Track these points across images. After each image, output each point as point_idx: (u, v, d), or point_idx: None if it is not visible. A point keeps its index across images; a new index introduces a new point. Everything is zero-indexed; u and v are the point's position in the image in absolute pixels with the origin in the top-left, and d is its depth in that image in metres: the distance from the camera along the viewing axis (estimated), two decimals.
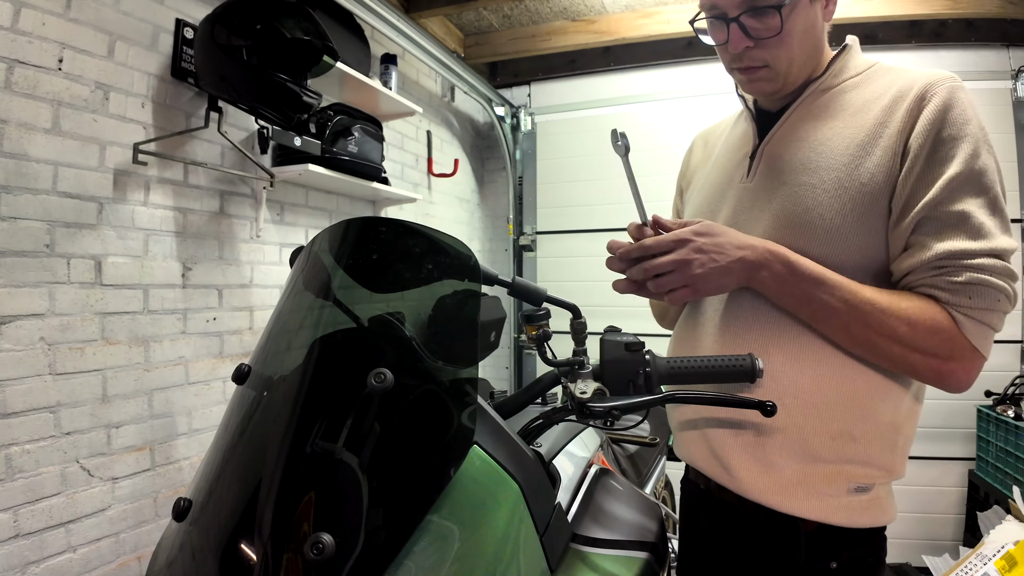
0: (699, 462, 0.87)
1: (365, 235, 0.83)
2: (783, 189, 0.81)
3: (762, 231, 0.82)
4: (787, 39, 0.80)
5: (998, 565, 1.85)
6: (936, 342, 0.70)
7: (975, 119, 0.73)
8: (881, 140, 0.76)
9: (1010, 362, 2.69)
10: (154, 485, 1.51)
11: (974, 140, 0.71)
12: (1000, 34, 2.77)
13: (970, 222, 0.70)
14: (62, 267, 1.31)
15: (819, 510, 0.77)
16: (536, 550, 0.66)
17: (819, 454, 0.76)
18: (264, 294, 1.87)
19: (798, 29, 0.80)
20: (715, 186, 0.94)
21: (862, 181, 0.75)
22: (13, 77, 1.22)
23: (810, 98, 0.85)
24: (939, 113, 0.72)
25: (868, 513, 0.78)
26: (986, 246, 0.69)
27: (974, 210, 0.70)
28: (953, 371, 0.72)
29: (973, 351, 0.71)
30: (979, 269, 0.69)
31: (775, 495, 0.78)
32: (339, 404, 0.61)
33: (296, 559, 0.53)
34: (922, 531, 2.71)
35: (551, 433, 0.99)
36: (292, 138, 1.77)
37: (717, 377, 0.72)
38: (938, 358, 0.71)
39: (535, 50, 3.21)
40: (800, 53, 0.82)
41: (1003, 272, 0.69)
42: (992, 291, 0.69)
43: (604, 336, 0.74)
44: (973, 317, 0.69)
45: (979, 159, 0.71)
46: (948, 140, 0.72)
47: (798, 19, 0.80)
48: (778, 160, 0.84)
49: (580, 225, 3.34)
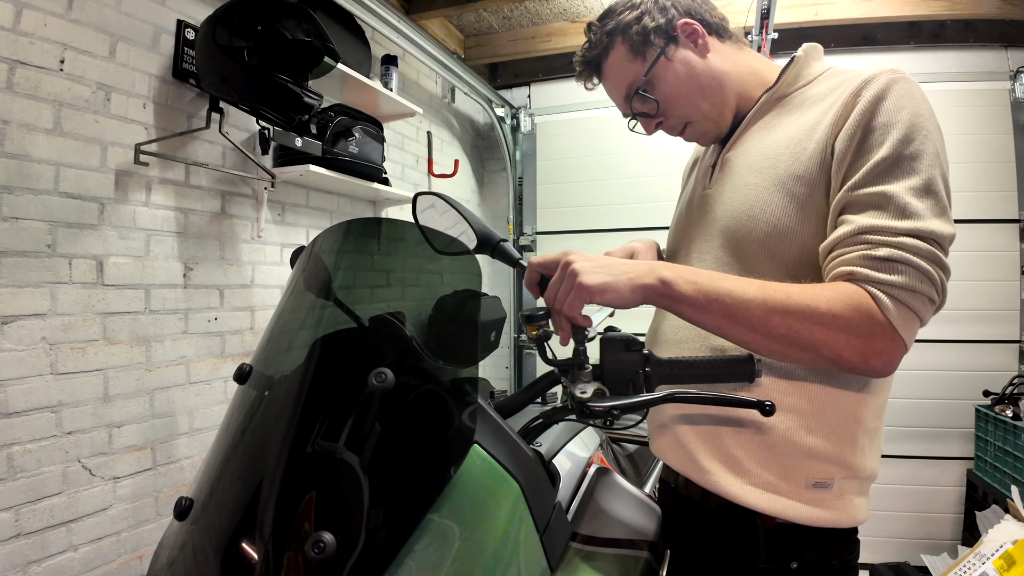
0: (669, 456, 0.89)
1: (366, 235, 0.83)
2: (733, 192, 0.84)
3: (716, 234, 0.85)
4: (674, 100, 0.88)
5: (996, 564, 1.86)
6: (857, 319, 0.65)
7: (911, 107, 0.70)
8: (815, 135, 0.76)
9: (1008, 362, 2.69)
10: (155, 484, 1.52)
11: (906, 126, 0.69)
12: (998, 35, 2.77)
13: (893, 201, 0.67)
14: (64, 267, 1.32)
15: (776, 504, 0.76)
16: (536, 549, 0.66)
17: (775, 447, 0.77)
18: (265, 294, 1.87)
19: (677, 85, 0.87)
20: (687, 196, 0.99)
21: (798, 175, 0.76)
22: (15, 78, 1.22)
23: (764, 107, 0.87)
24: (871, 103, 0.71)
25: (829, 512, 0.76)
26: (910, 225, 0.65)
27: (899, 191, 0.67)
28: (877, 352, 0.66)
29: (894, 333, 0.65)
30: (900, 247, 0.65)
31: (734, 488, 0.78)
32: (340, 404, 0.62)
33: (297, 558, 0.53)
34: (921, 530, 2.71)
35: (551, 433, 0.99)
36: (293, 139, 1.77)
37: (716, 377, 0.72)
38: (860, 338, 0.65)
39: (535, 51, 3.22)
40: (700, 99, 0.88)
41: (927, 255, 0.65)
42: (913, 271, 0.64)
43: (604, 336, 0.74)
44: (893, 296, 0.65)
45: (911, 144, 0.68)
46: (878, 128, 0.70)
47: (669, 80, 0.87)
48: (732, 166, 0.87)
49: (580, 225, 3.35)
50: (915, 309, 0.65)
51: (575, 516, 0.83)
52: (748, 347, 0.71)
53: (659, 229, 3.24)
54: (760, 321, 0.67)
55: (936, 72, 2.81)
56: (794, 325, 0.66)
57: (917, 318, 0.66)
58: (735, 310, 0.68)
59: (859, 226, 0.68)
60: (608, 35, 0.89)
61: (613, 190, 3.20)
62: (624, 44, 0.88)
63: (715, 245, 0.85)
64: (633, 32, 0.87)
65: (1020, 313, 2.70)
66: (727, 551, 0.82)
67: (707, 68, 0.87)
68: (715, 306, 0.68)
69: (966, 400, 2.65)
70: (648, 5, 0.87)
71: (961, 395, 2.69)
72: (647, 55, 0.87)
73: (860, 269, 0.66)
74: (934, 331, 2.67)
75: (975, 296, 2.71)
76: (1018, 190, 2.70)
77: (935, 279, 0.65)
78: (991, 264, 2.73)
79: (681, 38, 0.87)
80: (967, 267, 2.70)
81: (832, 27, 2.82)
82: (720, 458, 0.80)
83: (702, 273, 0.71)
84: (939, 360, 2.69)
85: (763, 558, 0.78)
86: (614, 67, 0.90)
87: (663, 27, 0.86)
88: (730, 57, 0.89)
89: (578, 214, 3.35)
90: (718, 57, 0.88)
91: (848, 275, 0.67)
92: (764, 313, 0.67)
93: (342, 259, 0.81)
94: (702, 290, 0.68)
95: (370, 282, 0.80)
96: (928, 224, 0.66)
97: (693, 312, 0.70)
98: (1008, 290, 2.72)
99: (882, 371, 0.68)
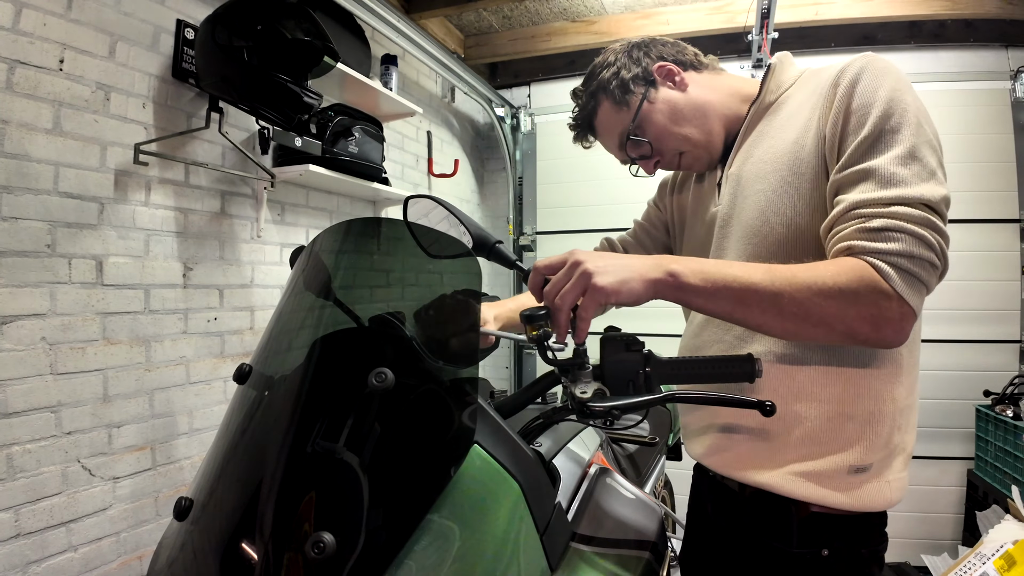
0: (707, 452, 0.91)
1: (366, 235, 0.83)
2: (743, 203, 0.86)
3: (733, 247, 0.86)
4: (664, 137, 0.93)
5: (997, 564, 1.86)
6: (863, 289, 0.65)
7: (887, 84, 0.72)
8: (810, 132, 0.79)
9: (1009, 362, 2.69)
10: (155, 484, 1.52)
11: (885, 103, 0.71)
12: (999, 34, 2.77)
13: (878, 173, 0.68)
14: (63, 267, 1.32)
15: (818, 493, 0.78)
16: (536, 549, 0.66)
17: (818, 438, 0.78)
18: (265, 294, 1.87)
19: (664, 123, 0.92)
20: (695, 219, 1.02)
21: (800, 171, 0.78)
22: (14, 77, 1.22)
23: (754, 118, 0.90)
24: (848, 88, 0.74)
25: (867, 494, 0.77)
26: (897, 192, 0.67)
27: (883, 163, 0.69)
28: (888, 320, 0.66)
29: (900, 300, 0.65)
30: (892, 216, 0.66)
31: (776, 479, 0.80)
32: (340, 404, 0.61)
33: (297, 558, 0.53)
34: (921, 530, 2.71)
35: (551, 433, 0.99)
36: (293, 138, 1.77)
37: (717, 377, 0.72)
38: (869, 307, 0.66)
39: (535, 51, 3.22)
40: (687, 129, 0.92)
41: (920, 220, 0.65)
42: (908, 237, 0.65)
43: (604, 336, 0.74)
44: (893, 264, 0.65)
45: (891, 119, 0.70)
46: (857, 110, 0.72)
47: (655, 120, 0.92)
48: (736, 179, 0.89)
49: (580, 225, 3.34)
50: (917, 275, 0.66)
51: (575, 516, 0.83)
52: (761, 330, 0.73)
53: None
54: (770, 302, 0.68)
55: (936, 72, 2.81)
56: (803, 302, 0.67)
57: (921, 283, 0.67)
58: (744, 294, 0.69)
59: (850, 202, 0.69)
60: (592, 96, 0.97)
61: (613, 190, 3.20)
62: (608, 99, 0.95)
63: (734, 256, 0.86)
64: (613, 87, 0.94)
65: (1020, 313, 2.70)
66: (762, 537, 0.83)
67: (689, 101, 0.93)
68: (724, 292, 0.69)
69: (966, 400, 2.65)
70: (623, 60, 0.95)
71: (961, 395, 2.69)
72: (631, 103, 0.93)
73: (857, 242, 0.67)
74: (934, 331, 2.67)
75: (975, 296, 2.71)
76: (1018, 190, 2.70)
77: (932, 243, 0.66)
78: (991, 264, 2.73)
79: (659, 80, 0.93)
80: (967, 267, 2.70)
81: (832, 27, 2.82)
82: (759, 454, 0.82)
83: (708, 262, 0.73)
84: (939, 360, 2.69)
85: (796, 544, 0.80)
86: (604, 122, 0.98)
87: (640, 75, 0.93)
88: (709, 84, 0.94)
89: (578, 214, 3.35)
90: (698, 88, 0.93)
91: (847, 250, 0.68)
92: (772, 294, 0.68)
93: (342, 259, 0.81)
94: (710, 278, 0.69)
95: (370, 282, 0.80)
96: (916, 190, 0.67)
97: (703, 301, 0.71)
98: (1008, 290, 2.72)
99: (894, 339, 0.69)
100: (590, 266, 0.68)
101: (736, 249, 0.86)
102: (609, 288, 0.67)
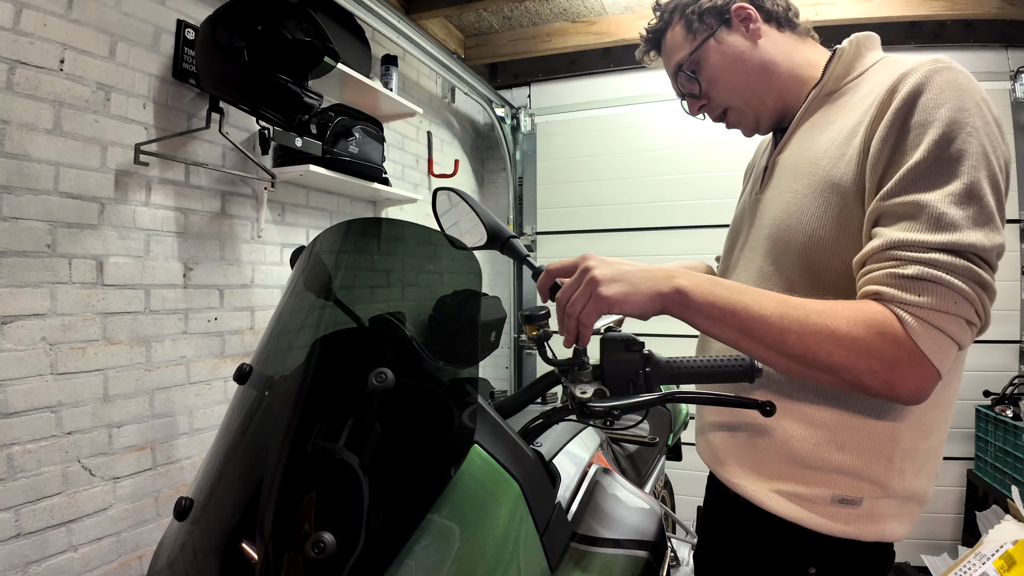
0: (705, 458, 0.92)
1: (366, 235, 0.83)
2: (778, 199, 0.81)
3: (761, 243, 0.83)
4: (716, 84, 0.88)
5: (997, 564, 1.86)
6: (879, 343, 0.60)
7: (953, 101, 0.63)
8: (855, 138, 0.70)
9: (1009, 362, 2.69)
10: (155, 484, 1.52)
11: (946, 123, 0.62)
12: (999, 35, 2.77)
13: (927, 211, 0.60)
14: (64, 267, 1.32)
15: (801, 515, 0.75)
16: (536, 549, 0.66)
17: (803, 460, 0.75)
18: (265, 294, 1.87)
19: (721, 69, 0.87)
20: (742, 201, 0.98)
21: (835, 182, 0.71)
22: (15, 78, 1.22)
23: (813, 105, 0.83)
24: (907, 99, 0.65)
25: (851, 526, 0.73)
26: (945, 239, 0.59)
27: (935, 200, 0.60)
28: (903, 379, 0.60)
29: (923, 359, 0.59)
30: (931, 264, 0.59)
31: (759, 493, 0.78)
32: (340, 404, 0.62)
33: (297, 558, 0.53)
34: (921, 530, 2.71)
35: (551, 433, 0.99)
36: (293, 139, 1.77)
37: (716, 377, 0.72)
38: (883, 363, 0.60)
39: (535, 51, 3.22)
40: (742, 85, 0.87)
41: (963, 272, 0.59)
42: (945, 290, 0.58)
43: (604, 336, 0.74)
44: (922, 318, 0.59)
45: (952, 144, 0.61)
46: (914, 127, 0.64)
47: (713, 62, 0.87)
48: (780, 170, 0.84)
49: (580, 225, 3.34)
50: (949, 332, 0.59)
51: (575, 516, 0.83)
52: (765, 364, 0.68)
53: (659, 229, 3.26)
54: (775, 339, 0.64)
55: None
56: (811, 345, 0.62)
57: (952, 342, 0.60)
58: (750, 325, 0.65)
59: (888, 240, 0.62)
60: (669, 12, 0.92)
61: (613, 190, 3.20)
62: (681, 22, 0.90)
63: (759, 255, 0.83)
64: (690, 11, 0.88)
65: (1020, 313, 2.69)
66: (750, 550, 0.82)
67: (754, 55, 0.86)
68: (730, 319, 0.66)
69: (966, 400, 2.65)
70: None
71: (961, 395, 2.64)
72: (697, 34, 0.88)
73: (887, 289, 0.61)
74: None
75: None
76: (1018, 190, 2.70)
77: (972, 298, 0.59)
78: None
79: (734, 21, 0.86)
80: None
81: (832, 27, 2.81)
82: (748, 463, 0.81)
83: (721, 283, 0.69)
84: None
85: (781, 558, 0.78)
86: (670, 44, 0.92)
87: (717, 8, 0.86)
88: (784, 47, 0.86)
89: (578, 214, 3.35)
90: (771, 45, 0.86)
91: (875, 294, 0.63)
92: (780, 331, 0.64)
93: (342, 259, 0.81)
94: (718, 303, 0.66)
95: (370, 282, 0.80)
96: (966, 236, 0.59)
97: (708, 324, 0.68)
98: (1008, 290, 2.72)
99: (910, 399, 0.63)
100: (597, 274, 0.67)
101: (762, 248, 0.82)
102: (613, 298, 0.66)
